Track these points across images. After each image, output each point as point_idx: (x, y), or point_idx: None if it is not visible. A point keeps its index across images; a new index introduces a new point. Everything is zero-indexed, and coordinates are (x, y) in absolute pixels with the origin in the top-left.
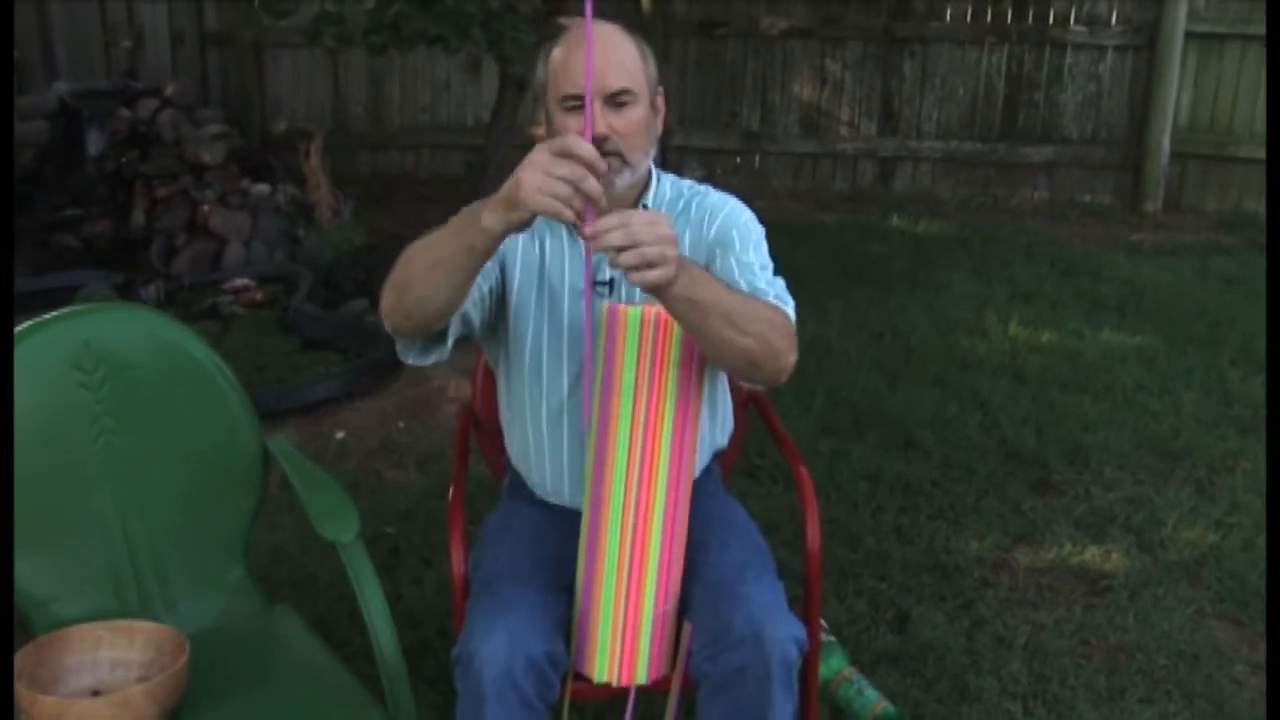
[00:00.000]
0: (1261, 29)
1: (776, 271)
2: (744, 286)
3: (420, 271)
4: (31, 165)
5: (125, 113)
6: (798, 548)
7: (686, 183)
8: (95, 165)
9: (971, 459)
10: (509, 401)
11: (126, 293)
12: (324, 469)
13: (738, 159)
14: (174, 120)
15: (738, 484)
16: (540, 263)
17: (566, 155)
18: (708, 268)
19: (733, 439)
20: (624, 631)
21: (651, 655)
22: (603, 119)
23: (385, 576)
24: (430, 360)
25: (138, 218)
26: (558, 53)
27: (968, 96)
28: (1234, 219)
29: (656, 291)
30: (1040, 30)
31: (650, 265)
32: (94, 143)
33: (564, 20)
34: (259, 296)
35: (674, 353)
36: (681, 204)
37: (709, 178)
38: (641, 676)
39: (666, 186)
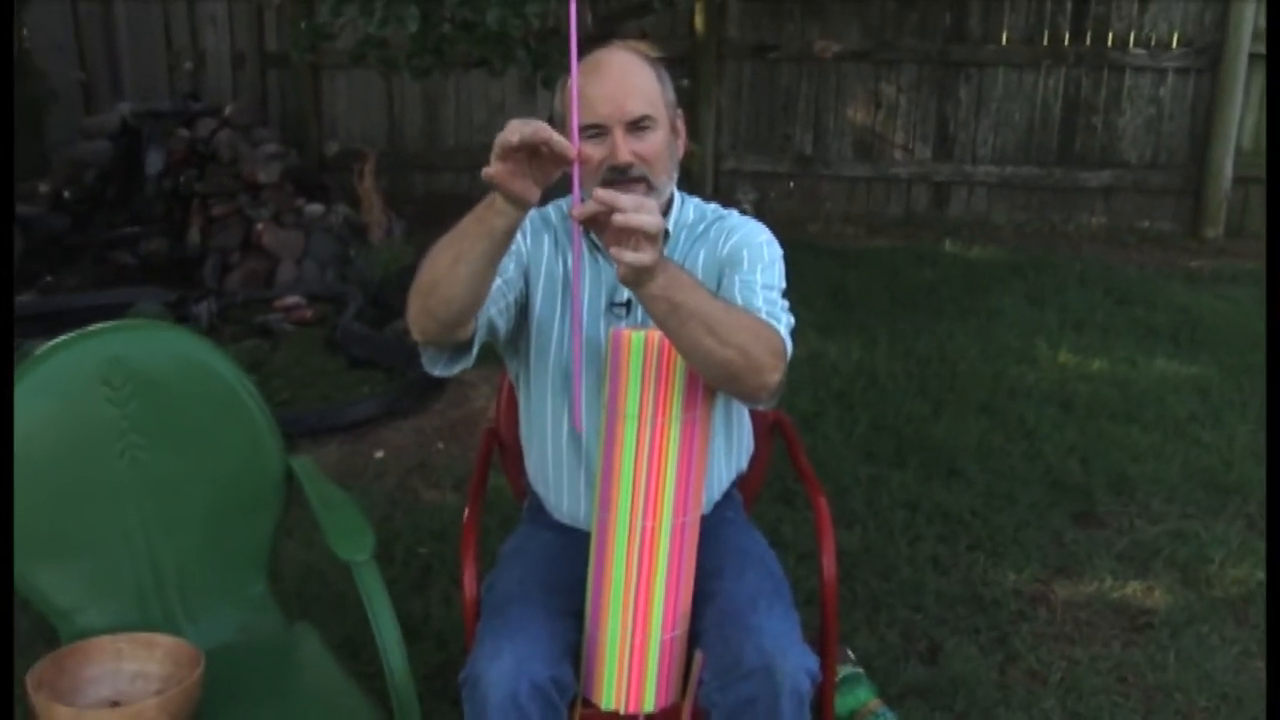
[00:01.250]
0: None
1: (787, 296)
2: (739, 303)
3: (444, 269)
4: (93, 184)
5: (184, 132)
6: (808, 565)
7: (710, 206)
8: (154, 184)
9: (1014, 488)
10: (529, 419)
11: (179, 310)
12: (361, 488)
13: (790, 182)
14: (231, 140)
15: (773, 510)
16: (564, 279)
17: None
18: (718, 288)
19: (756, 463)
20: (631, 658)
21: (660, 682)
22: (625, 145)
23: (416, 596)
24: (456, 369)
25: (193, 236)
26: (578, 80)
27: (1024, 120)
28: None
29: (636, 285)
30: (1098, 53)
31: (633, 237)
32: (153, 162)
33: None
34: (309, 315)
35: (679, 378)
36: (701, 227)
37: (761, 201)
38: (649, 704)
39: (689, 209)
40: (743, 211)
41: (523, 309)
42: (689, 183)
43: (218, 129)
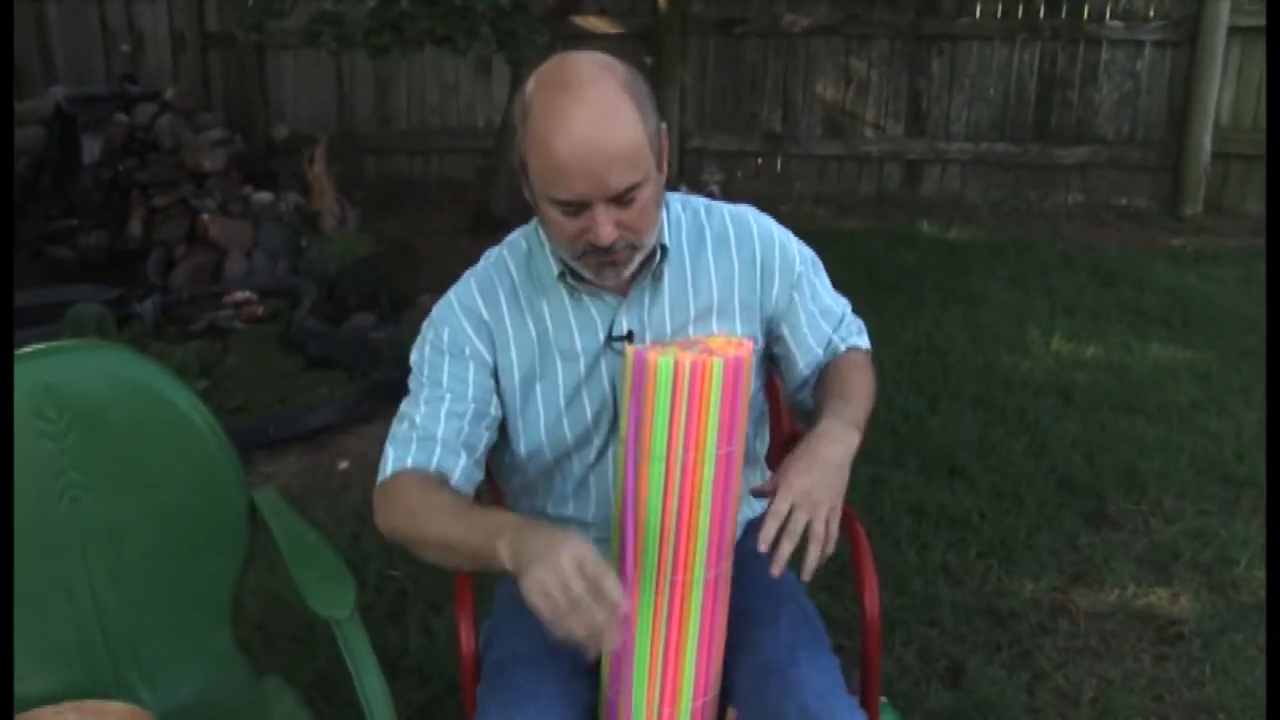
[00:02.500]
0: None
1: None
2: (818, 350)
3: (431, 546)
4: (26, 174)
5: (123, 118)
6: (839, 591)
7: (692, 205)
8: (91, 174)
9: (1020, 488)
10: (524, 464)
11: (121, 308)
12: (325, 503)
13: (758, 161)
14: (173, 126)
15: None
16: (541, 336)
17: (589, 579)
18: (773, 328)
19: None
20: None
21: None
22: (607, 223)
23: (392, 626)
24: None
25: (134, 228)
26: (540, 134)
27: (998, 96)
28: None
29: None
30: (1074, 26)
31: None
32: (90, 150)
33: (558, 65)
34: (260, 311)
35: (713, 408)
36: (704, 234)
37: (728, 181)
38: None
39: (675, 212)
40: (709, 194)
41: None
42: None
43: (158, 114)
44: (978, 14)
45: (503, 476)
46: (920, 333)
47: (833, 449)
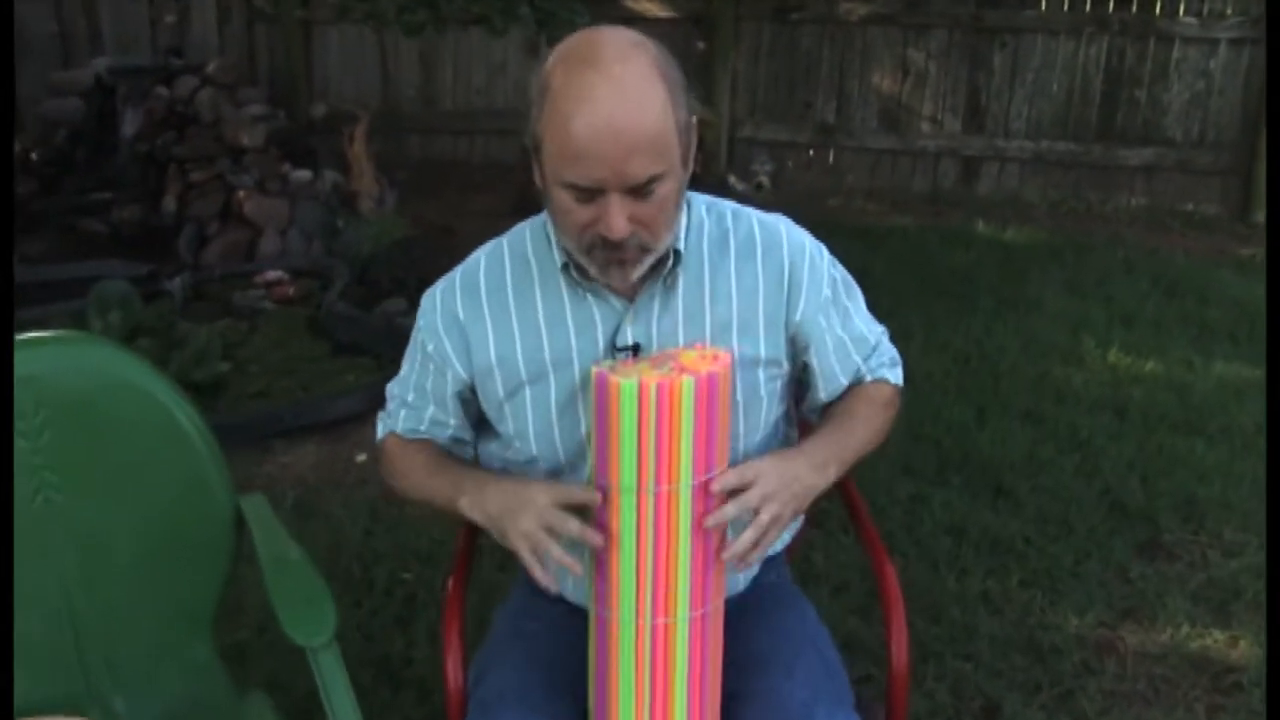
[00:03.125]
0: None
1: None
2: (843, 380)
3: (419, 503)
4: (63, 145)
5: (163, 91)
6: (869, 615)
7: (718, 209)
8: (128, 147)
9: (1069, 512)
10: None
11: (151, 285)
12: (341, 497)
13: (810, 153)
14: (213, 100)
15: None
16: (529, 336)
17: (569, 506)
18: (795, 342)
19: None
20: None
21: None
22: (621, 215)
23: (399, 632)
24: None
25: (169, 203)
26: (559, 111)
27: (1061, 92)
28: None
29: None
30: (1144, 21)
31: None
32: (129, 123)
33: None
34: (291, 292)
35: (686, 434)
36: (722, 241)
37: (778, 172)
38: None
39: (701, 219)
40: (758, 186)
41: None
42: (702, 153)
43: (199, 88)
44: (1043, 6)
45: None
46: (971, 339)
47: (807, 474)
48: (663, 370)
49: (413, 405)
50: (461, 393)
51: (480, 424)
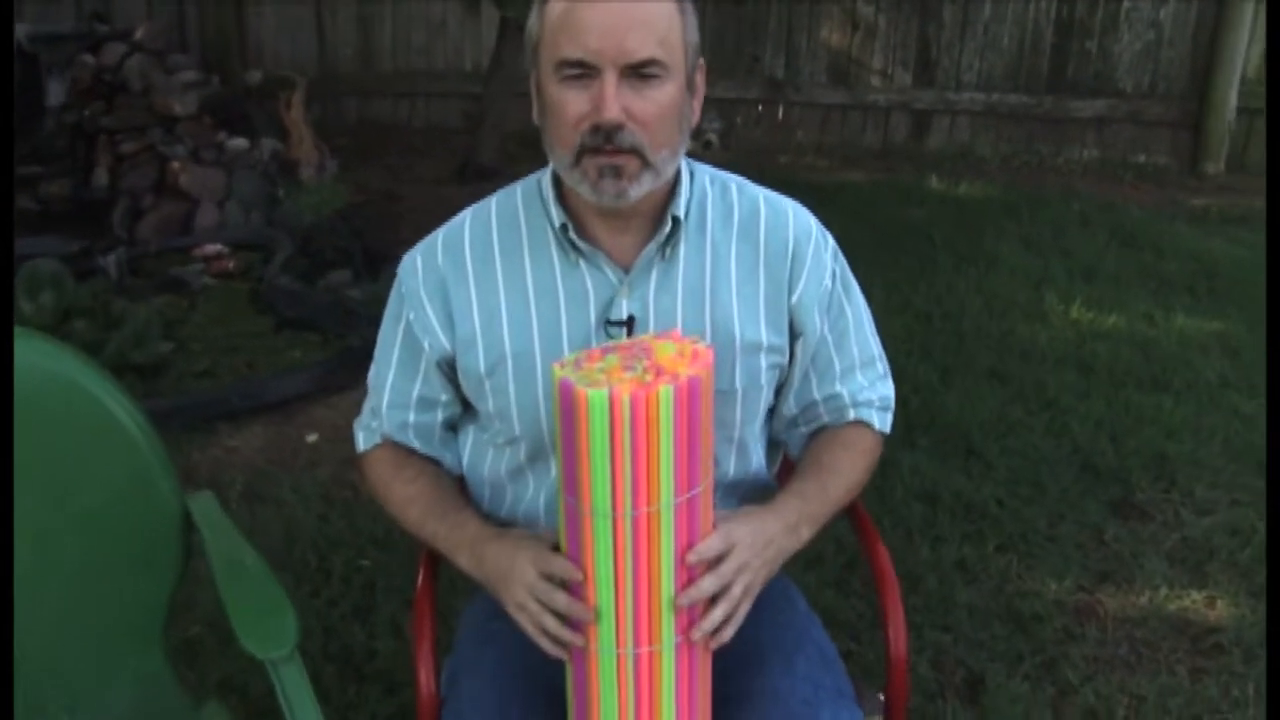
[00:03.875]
0: None
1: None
2: (815, 392)
3: (409, 531)
4: None
5: (89, 59)
6: (845, 588)
7: (722, 180)
8: (55, 118)
9: (1041, 473)
10: (487, 463)
11: (84, 262)
12: (291, 480)
13: (759, 109)
14: (143, 67)
15: None
16: (516, 306)
17: (556, 580)
18: (791, 328)
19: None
20: None
21: None
22: (615, 98)
23: (359, 623)
24: None
25: (100, 176)
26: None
27: (1012, 44)
28: None
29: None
30: None
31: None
32: (54, 93)
33: None
34: (231, 265)
35: (666, 449)
36: (725, 214)
37: (728, 130)
38: None
39: (704, 191)
40: (706, 144)
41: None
42: None
43: (127, 55)
44: None
45: (472, 467)
46: (931, 297)
47: (780, 537)
48: (636, 372)
49: (396, 390)
50: (441, 364)
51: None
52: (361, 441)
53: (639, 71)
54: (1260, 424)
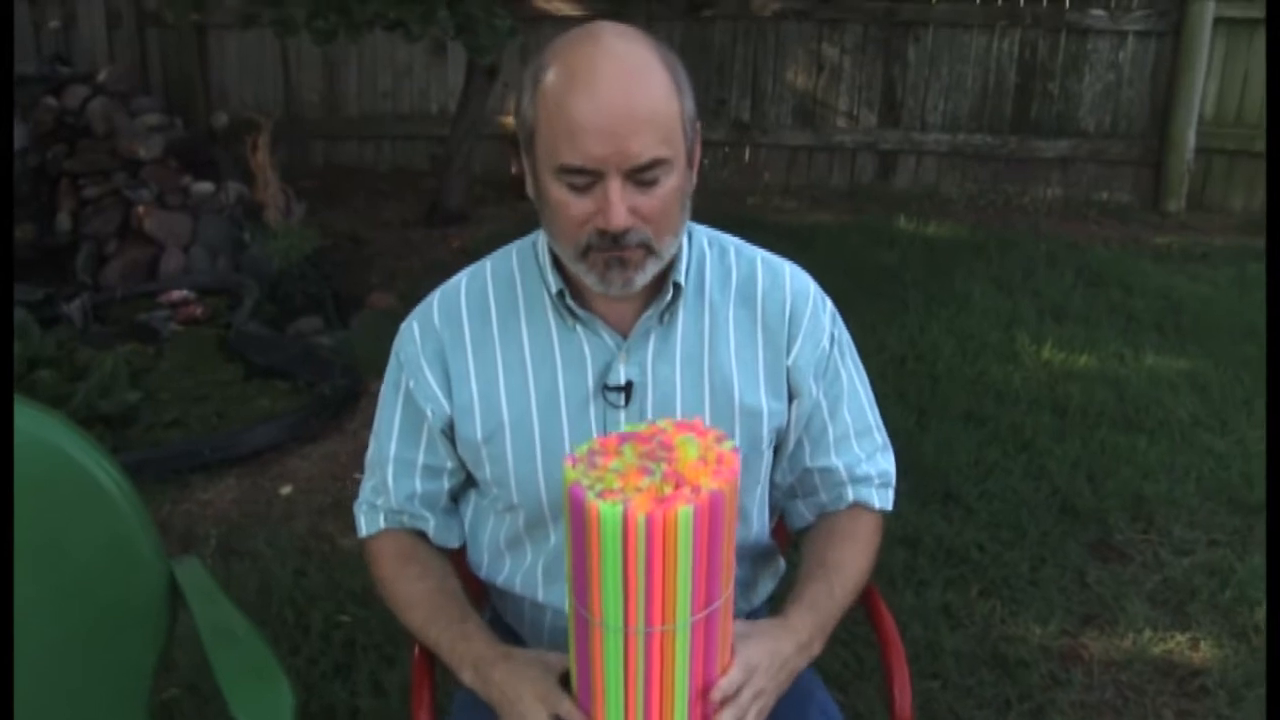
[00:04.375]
0: None
1: None
2: (808, 459)
3: (411, 631)
4: None
5: (51, 101)
6: (832, 637)
7: (720, 243)
8: (18, 161)
9: (1021, 516)
10: (487, 529)
11: (48, 309)
12: (266, 534)
13: (726, 150)
14: (106, 110)
15: None
16: (513, 372)
17: None
18: (791, 405)
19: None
20: None
21: None
22: (622, 203)
23: (340, 681)
24: None
25: (63, 221)
26: (556, 88)
27: (976, 85)
28: (1263, 219)
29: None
30: (1056, 14)
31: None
32: (16, 135)
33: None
34: (199, 312)
35: (684, 571)
36: (724, 278)
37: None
38: None
39: (703, 253)
40: None
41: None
42: None
43: (90, 97)
44: None
45: (473, 533)
46: (904, 339)
47: (793, 657)
48: (654, 478)
49: (400, 460)
50: (445, 431)
51: None
52: (364, 525)
53: (644, 174)
54: (1232, 461)
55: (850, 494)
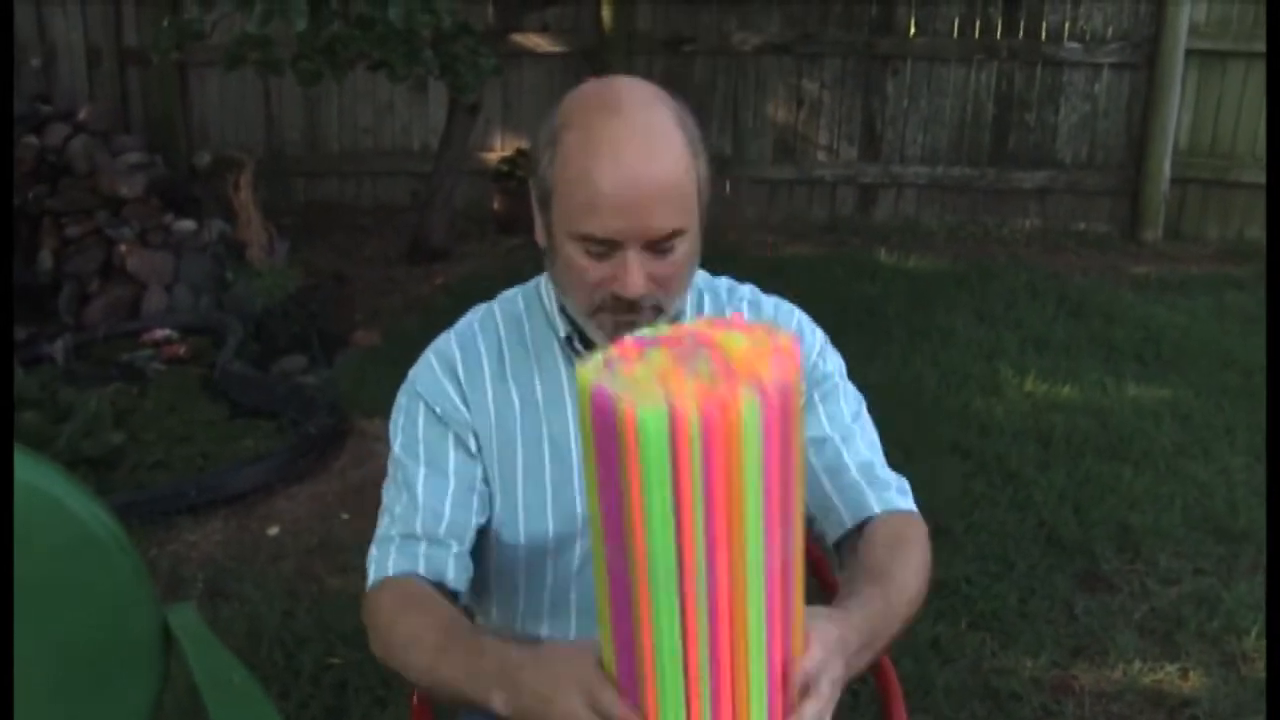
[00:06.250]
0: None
1: None
2: (842, 511)
3: (420, 685)
4: None
5: (32, 140)
6: None
7: (714, 285)
8: None
9: (1008, 549)
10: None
11: (29, 349)
12: (254, 576)
13: None
14: (87, 148)
15: None
16: (528, 411)
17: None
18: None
19: None
20: None
21: None
22: (639, 272)
23: None
24: None
25: (45, 260)
26: (578, 157)
27: (955, 118)
28: (1238, 248)
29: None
30: (1032, 47)
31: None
32: None
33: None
34: (182, 351)
35: (754, 483)
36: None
37: None
38: None
39: (700, 295)
40: None
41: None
42: None
43: (71, 136)
44: (933, 33)
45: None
46: (889, 373)
47: (854, 655)
48: (698, 372)
49: (429, 489)
50: (466, 451)
51: None
52: (373, 569)
53: (662, 244)
54: (1216, 490)
55: (877, 507)
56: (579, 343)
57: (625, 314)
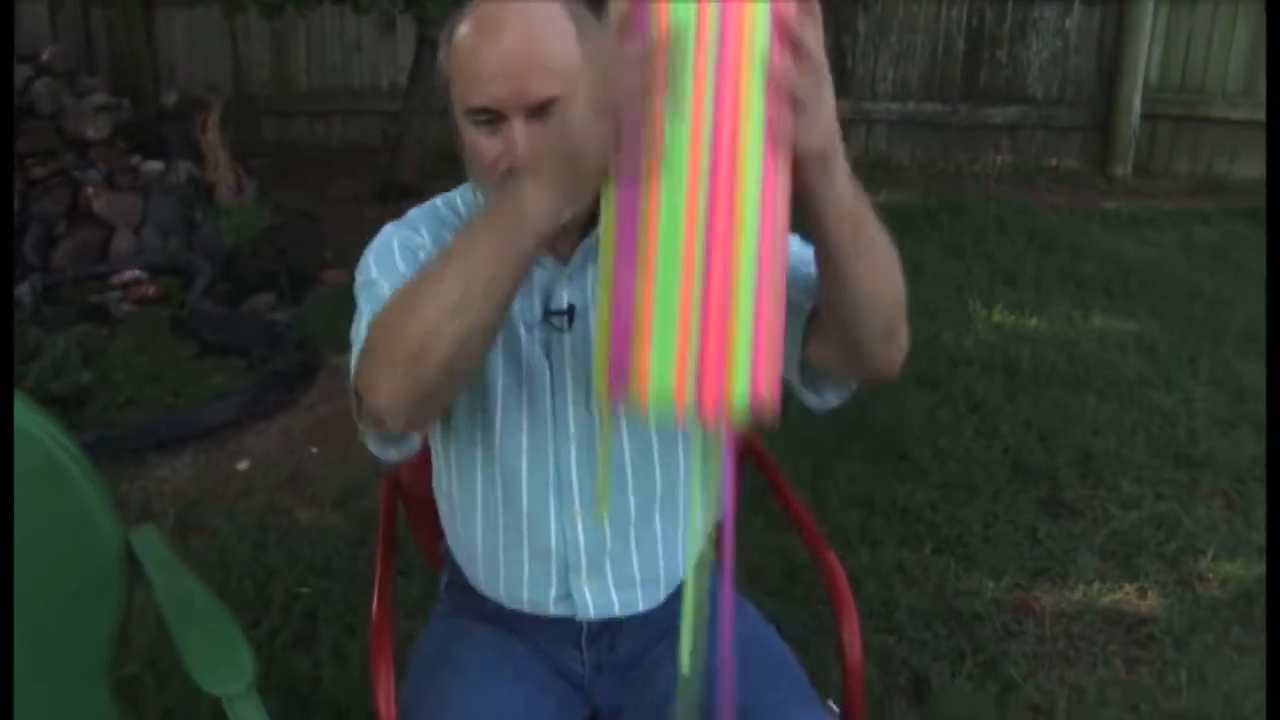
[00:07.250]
0: None
1: None
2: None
3: (437, 324)
4: None
5: None
6: (788, 597)
7: None
8: None
9: (974, 475)
10: (448, 474)
11: None
12: (224, 510)
13: None
14: (51, 90)
15: None
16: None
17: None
18: None
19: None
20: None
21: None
22: (525, 139)
23: (302, 651)
24: (415, 445)
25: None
26: (463, 37)
27: (926, 54)
28: (1207, 183)
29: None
30: None
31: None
32: None
33: None
34: (151, 291)
35: (757, 69)
36: None
37: None
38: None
39: None
40: None
41: None
42: None
43: (34, 78)
44: None
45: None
46: None
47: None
48: None
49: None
50: None
51: None
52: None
53: (544, 110)
54: (1178, 419)
55: None
56: None
57: None
